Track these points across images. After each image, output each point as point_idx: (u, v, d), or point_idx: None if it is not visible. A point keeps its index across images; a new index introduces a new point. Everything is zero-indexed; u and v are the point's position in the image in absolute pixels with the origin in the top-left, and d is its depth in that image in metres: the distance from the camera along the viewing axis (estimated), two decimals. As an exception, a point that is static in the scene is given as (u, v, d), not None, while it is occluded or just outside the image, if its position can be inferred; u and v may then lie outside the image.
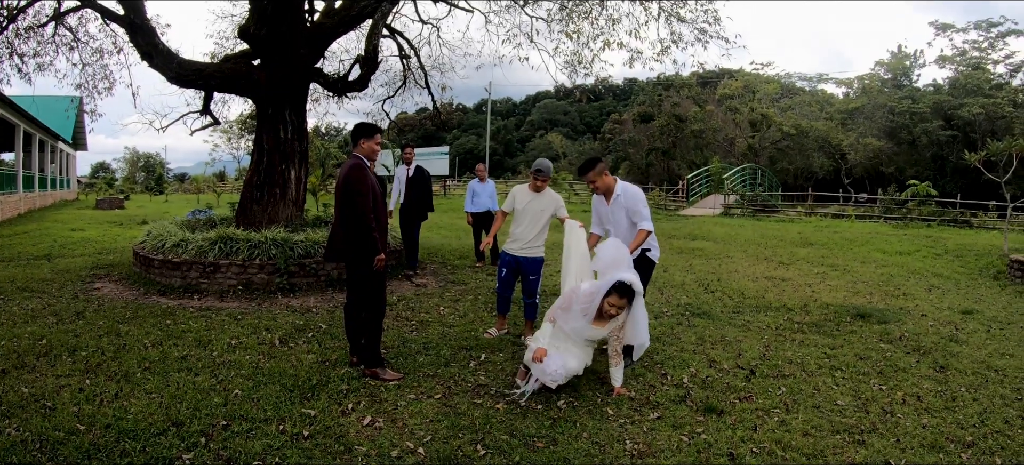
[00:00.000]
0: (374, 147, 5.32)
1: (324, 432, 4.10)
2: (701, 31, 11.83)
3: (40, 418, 4.17)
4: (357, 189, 5.03)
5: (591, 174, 5.68)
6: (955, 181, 38.27)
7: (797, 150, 45.45)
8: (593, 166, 5.70)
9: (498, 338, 6.32)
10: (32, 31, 11.41)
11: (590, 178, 5.70)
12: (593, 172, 5.67)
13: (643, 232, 5.55)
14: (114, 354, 5.60)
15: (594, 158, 5.82)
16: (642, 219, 5.58)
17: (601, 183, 5.72)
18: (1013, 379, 5.43)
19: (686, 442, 4.09)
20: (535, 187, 6.20)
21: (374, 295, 5.22)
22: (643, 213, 5.60)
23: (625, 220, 5.69)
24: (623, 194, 5.70)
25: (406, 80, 15.01)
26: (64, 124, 29.65)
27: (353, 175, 5.05)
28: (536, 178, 6.14)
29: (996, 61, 45.70)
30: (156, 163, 62.16)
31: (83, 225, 17.40)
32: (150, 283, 8.62)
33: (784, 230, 19.01)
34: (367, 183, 5.05)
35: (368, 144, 5.28)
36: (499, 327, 6.49)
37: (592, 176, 5.69)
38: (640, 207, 5.62)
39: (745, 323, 7.30)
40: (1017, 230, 19.58)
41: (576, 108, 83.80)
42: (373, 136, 5.33)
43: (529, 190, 6.24)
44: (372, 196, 5.07)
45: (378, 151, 5.41)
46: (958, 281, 10.48)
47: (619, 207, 5.71)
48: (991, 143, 15.31)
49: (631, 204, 5.65)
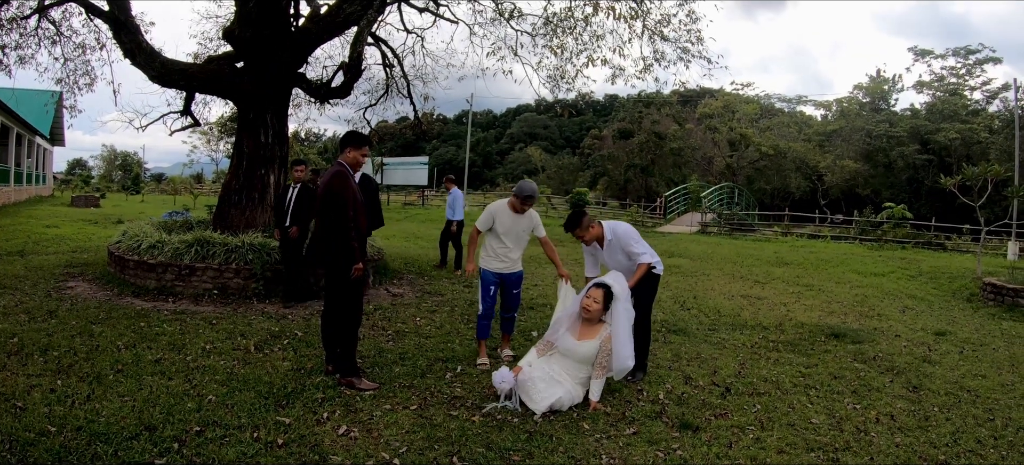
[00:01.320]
0: (359, 158, 5.32)
1: (299, 441, 4.06)
2: (684, 50, 11.95)
3: (10, 418, 4.10)
4: (339, 197, 5.03)
5: (578, 230, 5.66)
6: (930, 204, 38.85)
7: (775, 170, 46.01)
8: (578, 223, 5.64)
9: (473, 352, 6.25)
10: (15, 23, 11.26)
11: (578, 234, 5.68)
12: (579, 228, 5.65)
13: (643, 266, 5.62)
14: (87, 355, 5.52)
15: (577, 213, 5.74)
16: (639, 255, 5.65)
17: (589, 236, 5.71)
18: (985, 400, 5.51)
19: (662, 458, 4.10)
20: (519, 209, 6.02)
21: (350, 303, 5.19)
22: (637, 249, 5.67)
23: (624, 260, 5.74)
24: (614, 237, 5.73)
25: (389, 89, 15.01)
26: (42, 119, 29.19)
27: (335, 183, 5.05)
28: (524, 203, 5.96)
29: (973, 87, 46.78)
30: (133, 162, 61.41)
31: (58, 222, 17.14)
32: (124, 284, 8.51)
33: (760, 249, 19.20)
34: (349, 191, 5.05)
35: (354, 154, 5.28)
36: (482, 353, 6.13)
37: (579, 232, 5.67)
38: (634, 245, 5.68)
39: (721, 341, 7.35)
40: (990, 253, 19.89)
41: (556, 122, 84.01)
42: (361, 147, 5.34)
43: (511, 211, 6.05)
44: (354, 205, 5.08)
45: (363, 162, 5.41)
46: (932, 303, 10.64)
47: (614, 249, 5.76)
48: (966, 168, 15.58)
49: (625, 244, 5.71)
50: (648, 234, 24.02)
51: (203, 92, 11.61)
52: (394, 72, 14.49)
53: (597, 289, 5.17)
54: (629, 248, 5.68)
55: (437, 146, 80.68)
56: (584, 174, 56.08)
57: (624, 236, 5.73)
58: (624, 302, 5.27)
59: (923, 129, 43.10)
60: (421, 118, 15.64)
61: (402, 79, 14.55)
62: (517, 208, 5.98)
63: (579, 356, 5.04)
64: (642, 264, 5.62)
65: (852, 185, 44.60)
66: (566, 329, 5.20)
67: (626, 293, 5.33)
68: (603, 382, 5.06)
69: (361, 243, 5.23)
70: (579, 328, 5.17)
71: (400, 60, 14.27)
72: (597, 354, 5.02)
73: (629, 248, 5.68)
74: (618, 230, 5.77)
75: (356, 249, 5.08)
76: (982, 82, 46.43)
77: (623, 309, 5.22)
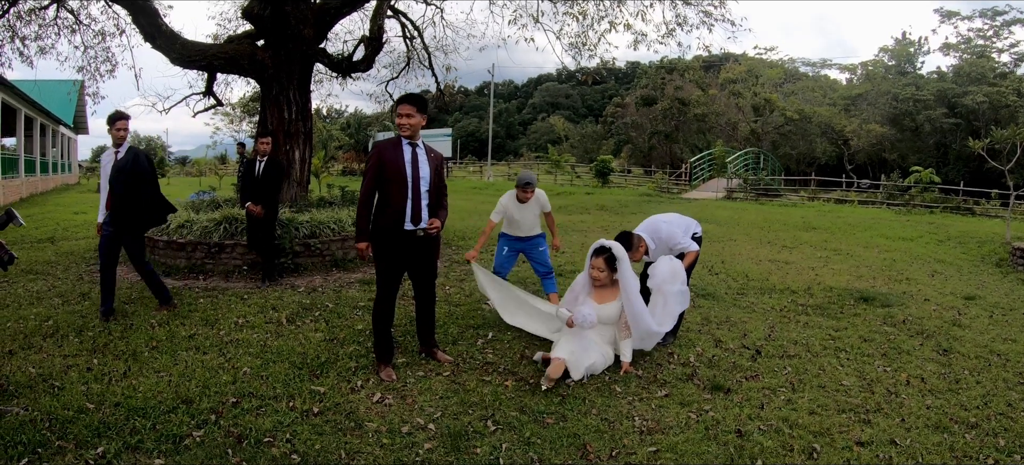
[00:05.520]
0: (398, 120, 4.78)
1: (334, 409, 4.13)
2: (706, 14, 11.75)
3: (49, 397, 4.19)
4: (365, 169, 4.82)
5: (631, 253, 5.45)
6: (958, 169, 38.17)
7: (800, 135, 45.30)
8: (630, 248, 5.44)
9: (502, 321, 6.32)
10: (34, 14, 11.35)
11: (633, 258, 5.51)
12: (631, 251, 5.45)
13: (691, 254, 5.73)
14: (121, 334, 5.62)
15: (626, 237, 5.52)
16: (686, 247, 5.72)
17: (639, 254, 5.67)
18: (1015, 363, 5.44)
19: (694, 419, 4.11)
20: (523, 198, 6.49)
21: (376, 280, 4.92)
22: (682, 242, 5.72)
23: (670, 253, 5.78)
24: (657, 244, 5.72)
25: (410, 61, 14.95)
26: (65, 108, 29.57)
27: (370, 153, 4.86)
28: (525, 190, 6.43)
29: (1001, 49, 45.47)
30: (157, 146, 62.01)
31: (85, 208, 17.38)
32: (155, 264, 8.61)
33: (787, 214, 19.00)
34: (369, 163, 4.72)
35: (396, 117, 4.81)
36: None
37: (633, 255, 5.50)
38: (677, 241, 5.72)
39: (750, 304, 7.32)
40: (1020, 218, 19.50)
41: (578, 91, 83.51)
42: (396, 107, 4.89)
43: (518, 200, 6.54)
44: (379, 177, 4.67)
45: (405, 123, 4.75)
46: (961, 267, 10.49)
47: (660, 253, 5.75)
48: (995, 131, 15.27)
49: (673, 242, 5.73)
50: (674, 201, 23.91)
51: (225, 72, 11.65)
52: (415, 44, 14.44)
53: (598, 257, 5.20)
54: (676, 245, 5.72)
55: (459, 118, 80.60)
56: (608, 142, 55.75)
57: (668, 237, 5.74)
58: (680, 283, 5.43)
59: (950, 92, 42.12)
60: (443, 90, 15.58)
61: (423, 51, 14.48)
62: (522, 197, 6.48)
63: (603, 318, 5.11)
64: (689, 253, 5.71)
65: (879, 150, 43.84)
66: (586, 296, 5.26)
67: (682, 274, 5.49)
68: (631, 344, 5.10)
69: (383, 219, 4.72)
70: (596, 293, 5.24)
71: (420, 32, 14.20)
72: (620, 314, 5.12)
73: (676, 245, 5.72)
74: (660, 235, 5.74)
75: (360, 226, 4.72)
76: (1010, 44, 45.16)
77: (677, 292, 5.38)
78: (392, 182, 4.66)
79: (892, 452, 3.76)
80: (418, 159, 4.74)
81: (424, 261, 4.96)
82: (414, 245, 4.78)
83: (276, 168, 7.73)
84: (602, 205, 20.79)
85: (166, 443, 3.63)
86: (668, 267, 5.46)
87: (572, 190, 29.06)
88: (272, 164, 7.72)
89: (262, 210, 7.60)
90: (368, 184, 4.68)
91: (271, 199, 7.70)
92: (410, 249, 4.78)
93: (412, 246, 4.78)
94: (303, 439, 3.72)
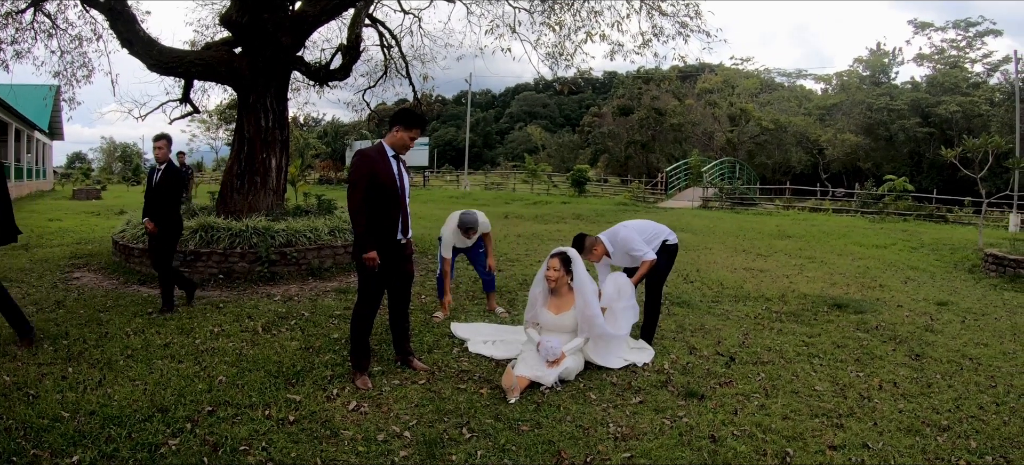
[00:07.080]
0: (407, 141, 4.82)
1: (310, 417, 4.12)
2: (682, 24, 11.86)
3: (24, 406, 4.14)
4: (351, 179, 4.71)
5: (586, 255, 5.70)
6: (931, 177, 38.78)
7: (775, 145, 45.85)
8: (582, 248, 5.70)
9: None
10: (10, 17, 11.20)
11: (587, 258, 5.73)
12: (584, 252, 5.69)
13: (646, 263, 5.75)
14: (96, 342, 5.57)
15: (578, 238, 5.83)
16: (642, 254, 5.76)
17: (596, 255, 5.84)
18: (987, 367, 5.55)
19: (668, 425, 4.15)
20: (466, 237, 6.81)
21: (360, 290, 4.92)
22: (639, 249, 5.76)
23: (630, 260, 5.91)
24: (614, 246, 5.86)
25: (387, 70, 14.94)
26: (41, 113, 29.08)
27: (353, 162, 4.80)
28: (467, 233, 6.74)
29: (974, 60, 46.28)
30: (133, 153, 61.28)
31: (60, 215, 17.18)
32: (130, 272, 8.56)
33: (762, 223, 19.21)
34: (361, 173, 4.63)
35: (401, 135, 4.79)
36: (444, 311, 6.82)
37: (587, 257, 5.73)
38: (634, 247, 5.78)
39: (724, 312, 7.39)
40: (992, 225, 19.93)
41: (555, 101, 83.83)
42: (411, 128, 4.82)
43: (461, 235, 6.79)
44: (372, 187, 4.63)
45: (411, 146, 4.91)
46: (934, 274, 10.67)
47: (619, 256, 5.91)
48: (967, 140, 15.58)
49: (627, 249, 5.82)
50: (650, 210, 24.07)
51: (202, 79, 11.58)
52: (392, 53, 14.45)
53: (554, 258, 5.28)
54: (633, 251, 5.79)
55: (437, 127, 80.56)
56: (585, 151, 56.00)
57: (624, 242, 5.83)
58: (626, 300, 5.54)
59: (924, 102, 42.86)
60: (421, 99, 15.58)
61: (400, 60, 14.48)
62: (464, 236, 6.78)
63: (562, 327, 5.18)
64: (645, 262, 5.75)
65: (853, 159, 44.47)
66: (542, 305, 5.32)
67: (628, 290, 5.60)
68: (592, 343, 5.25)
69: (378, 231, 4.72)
70: (552, 301, 5.31)
71: (398, 41, 14.22)
72: (577, 322, 5.19)
73: (633, 251, 5.79)
74: (618, 238, 5.87)
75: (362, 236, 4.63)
76: (983, 55, 45.97)
77: (623, 308, 5.49)
78: (386, 195, 4.71)
79: (865, 455, 3.82)
80: (401, 172, 4.84)
81: (405, 270, 5.01)
82: (399, 254, 4.86)
83: (173, 177, 6.80)
84: (578, 214, 20.90)
85: (142, 452, 3.60)
86: (613, 285, 5.61)
87: (549, 199, 29.22)
88: (169, 172, 6.79)
89: (155, 227, 6.75)
90: (360, 196, 4.61)
91: (169, 213, 6.78)
92: (396, 259, 4.85)
93: (398, 255, 4.85)
94: (279, 447, 3.70)
